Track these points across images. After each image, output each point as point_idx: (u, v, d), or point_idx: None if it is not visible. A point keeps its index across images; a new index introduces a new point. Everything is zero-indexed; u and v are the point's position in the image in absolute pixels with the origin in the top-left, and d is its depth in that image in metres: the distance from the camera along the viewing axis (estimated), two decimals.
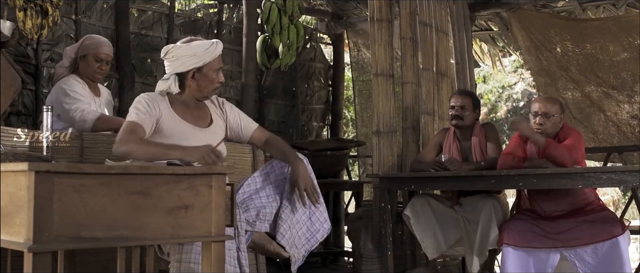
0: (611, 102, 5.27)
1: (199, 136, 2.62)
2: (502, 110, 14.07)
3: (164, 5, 5.52)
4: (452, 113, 3.95)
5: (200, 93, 2.68)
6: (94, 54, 3.55)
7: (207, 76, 2.64)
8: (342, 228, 6.27)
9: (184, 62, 2.62)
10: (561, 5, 5.56)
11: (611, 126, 5.33)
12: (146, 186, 1.87)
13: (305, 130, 6.53)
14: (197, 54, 2.61)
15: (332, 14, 6.63)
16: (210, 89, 2.68)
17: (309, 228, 2.74)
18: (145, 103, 2.57)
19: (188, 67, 2.62)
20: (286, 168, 2.74)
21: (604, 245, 3.25)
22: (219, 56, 2.68)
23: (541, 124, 3.53)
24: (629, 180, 3.11)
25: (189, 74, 2.64)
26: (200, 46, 2.63)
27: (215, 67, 2.66)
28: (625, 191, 9.70)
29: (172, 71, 2.64)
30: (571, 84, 5.45)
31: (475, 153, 3.93)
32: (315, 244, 2.79)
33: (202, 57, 2.62)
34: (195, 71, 2.63)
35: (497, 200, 3.74)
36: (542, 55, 5.51)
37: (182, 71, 2.63)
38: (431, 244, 3.79)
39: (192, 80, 2.65)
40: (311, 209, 2.73)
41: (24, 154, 2.27)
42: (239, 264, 2.44)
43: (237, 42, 5.86)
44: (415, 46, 4.70)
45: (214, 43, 2.67)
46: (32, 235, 1.66)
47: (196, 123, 2.68)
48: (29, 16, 3.56)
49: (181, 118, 2.64)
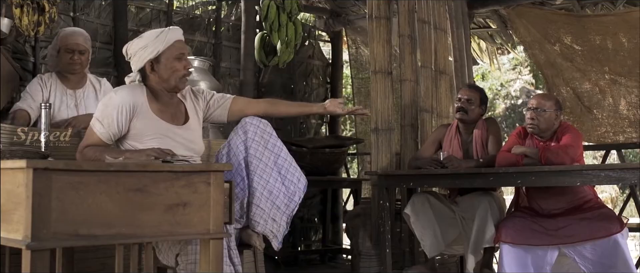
0: (620, 88, 5.28)
1: (176, 133, 2.60)
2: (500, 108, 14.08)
3: (162, 2, 5.51)
4: (457, 105, 3.95)
5: (166, 84, 2.59)
6: (64, 45, 3.47)
7: (166, 65, 2.56)
8: (340, 225, 6.27)
9: (139, 57, 2.56)
10: (560, 3, 5.56)
11: (622, 111, 5.34)
12: (144, 184, 1.87)
13: (304, 127, 6.52)
14: (147, 44, 2.54)
15: (330, 11, 6.63)
16: (176, 79, 2.58)
17: (285, 194, 2.63)
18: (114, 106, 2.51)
19: (144, 60, 2.55)
20: (241, 148, 2.60)
21: (602, 242, 3.25)
22: (177, 43, 2.58)
23: (533, 118, 3.53)
24: (628, 178, 3.11)
25: (147, 68, 2.57)
26: (150, 36, 2.57)
27: (174, 55, 2.57)
28: (624, 189, 9.71)
29: (135, 68, 2.60)
30: (577, 74, 5.47)
31: (477, 148, 3.93)
32: (295, 207, 2.67)
33: (154, 46, 2.54)
34: (152, 62, 2.56)
35: (493, 197, 3.74)
36: (545, 48, 5.52)
37: (140, 66, 2.57)
38: (430, 242, 3.79)
39: (152, 73, 2.57)
40: (281, 172, 2.62)
41: (22, 151, 2.27)
42: (232, 262, 2.41)
43: (235, 39, 5.85)
44: (414, 43, 4.70)
45: (166, 30, 2.59)
46: (30, 232, 1.66)
47: (173, 121, 2.62)
48: (26, 13, 3.54)
49: (158, 115, 2.58)
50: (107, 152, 2.44)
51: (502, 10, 5.70)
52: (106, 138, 2.53)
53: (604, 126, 5.41)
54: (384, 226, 3.91)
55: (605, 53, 5.28)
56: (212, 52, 5.76)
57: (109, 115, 2.52)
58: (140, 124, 2.54)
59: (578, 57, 5.42)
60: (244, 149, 2.57)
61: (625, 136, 5.30)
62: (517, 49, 7.03)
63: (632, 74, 5.16)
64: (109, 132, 2.52)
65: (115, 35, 4.91)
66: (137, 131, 2.54)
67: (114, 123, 2.51)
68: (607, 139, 5.36)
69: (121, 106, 2.51)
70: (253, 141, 2.59)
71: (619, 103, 5.32)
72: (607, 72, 5.31)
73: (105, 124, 2.52)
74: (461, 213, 3.80)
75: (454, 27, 5.18)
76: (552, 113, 3.53)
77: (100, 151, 2.47)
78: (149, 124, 2.55)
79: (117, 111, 2.51)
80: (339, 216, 6.30)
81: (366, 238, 4.32)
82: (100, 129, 2.52)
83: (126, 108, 2.52)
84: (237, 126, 2.65)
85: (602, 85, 5.36)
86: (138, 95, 2.57)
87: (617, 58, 5.25)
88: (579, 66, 5.43)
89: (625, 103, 5.27)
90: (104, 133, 2.52)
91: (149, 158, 2.31)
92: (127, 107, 2.52)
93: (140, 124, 2.54)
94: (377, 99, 4.45)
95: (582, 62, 5.41)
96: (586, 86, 5.45)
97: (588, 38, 5.31)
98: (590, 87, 5.44)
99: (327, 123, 6.73)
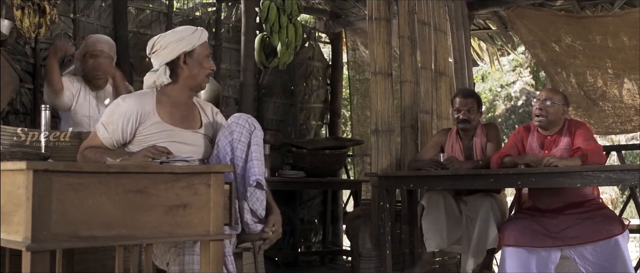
0: (624, 80, 5.31)
1: (185, 138, 2.58)
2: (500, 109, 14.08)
3: (163, 3, 5.52)
4: (458, 116, 3.93)
5: (193, 80, 2.61)
6: (90, 51, 3.69)
7: (198, 60, 2.59)
8: (340, 227, 6.27)
9: (173, 49, 2.57)
10: (559, 4, 5.57)
11: (627, 100, 5.36)
12: (144, 185, 1.87)
13: (304, 129, 6.53)
14: (185, 37, 2.57)
15: (330, 12, 6.63)
16: (203, 76, 2.62)
17: None
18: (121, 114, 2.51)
19: (178, 52, 2.56)
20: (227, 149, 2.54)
21: (604, 244, 3.25)
22: (206, 43, 2.64)
23: (541, 109, 3.53)
24: (628, 179, 3.11)
25: (180, 60, 2.58)
26: (187, 30, 2.61)
27: (204, 53, 2.62)
28: (624, 190, 9.71)
29: (162, 61, 2.58)
30: (581, 70, 5.50)
31: (477, 152, 3.94)
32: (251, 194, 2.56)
33: (190, 40, 2.57)
34: (185, 55, 2.57)
35: (495, 199, 3.74)
36: (547, 47, 5.54)
37: (172, 58, 2.57)
38: (434, 238, 3.79)
39: (185, 65, 2.58)
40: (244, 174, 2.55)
41: (22, 152, 2.27)
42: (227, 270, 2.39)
43: (235, 41, 5.85)
44: (414, 44, 4.70)
45: (199, 29, 2.64)
46: (30, 233, 1.66)
47: (182, 125, 2.61)
48: (26, 15, 3.55)
49: (166, 121, 2.57)
50: (107, 154, 2.45)
51: (502, 11, 5.70)
52: (109, 143, 2.54)
53: (611, 117, 5.45)
54: (384, 227, 3.91)
55: (607, 51, 5.31)
56: (212, 53, 5.77)
57: (114, 122, 2.52)
58: (147, 131, 2.54)
59: (580, 55, 5.45)
60: (230, 151, 2.56)
61: (633, 124, 5.35)
62: (517, 50, 7.03)
63: (634, 69, 5.19)
64: (113, 138, 2.53)
65: (116, 36, 4.91)
66: (143, 137, 2.54)
67: (118, 130, 2.52)
68: (615, 130, 5.44)
69: (128, 114, 2.52)
70: (239, 142, 2.56)
71: (622, 94, 5.35)
72: (610, 67, 5.34)
73: (110, 130, 2.53)
74: (467, 213, 3.81)
75: (454, 29, 5.19)
76: (560, 106, 3.53)
77: (100, 153, 2.48)
78: (155, 129, 2.55)
79: (123, 120, 2.51)
80: (339, 217, 6.30)
81: (366, 240, 4.32)
82: (104, 134, 2.53)
83: (133, 117, 2.52)
84: (225, 126, 2.62)
85: (606, 79, 5.39)
86: (146, 102, 2.57)
87: (619, 56, 5.27)
88: (582, 62, 5.46)
89: (629, 92, 5.29)
90: (107, 138, 2.53)
91: (146, 159, 2.30)
92: (135, 115, 2.52)
93: (147, 131, 2.54)
94: (377, 101, 4.45)
95: (585, 59, 5.44)
96: (590, 80, 5.48)
97: (589, 37, 5.33)
98: (594, 81, 5.47)
99: (327, 125, 6.73)
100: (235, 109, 5.58)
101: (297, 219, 6.09)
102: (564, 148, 3.50)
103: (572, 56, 5.46)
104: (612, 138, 10.78)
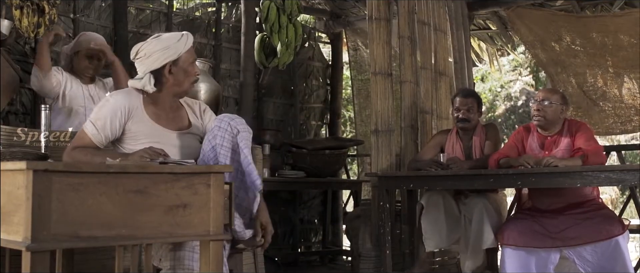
0: (623, 79, 5.31)
1: (172, 139, 2.57)
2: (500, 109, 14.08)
3: (162, 4, 5.52)
4: (458, 116, 3.94)
5: (179, 87, 2.60)
6: (82, 49, 3.72)
7: (183, 68, 2.57)
8: (340, 227, 6.27)
9: (157, 58, 2.54)
10: (559, 4, 5.57)
11: (627, 100, 5.36)
12: (144, 185, 1.87)
13: (304, 129, 6.53)
14: (170, 46, 2.54)
15: (330, 12, 6.63)
16: (188, 83, 2.61)
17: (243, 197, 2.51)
18: (109, 109, 2.50)
19: (163, 61, 2.54)
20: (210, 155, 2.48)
21: (604, 245, 3.25)
22: (191, 49, 2.62)
23: (539, 109, 3.53)
24: (628, 179, 3.11)
25: (165, 70, 2.55)
26: (172, 38, 2.57)
27: (190, 60, 2.60)
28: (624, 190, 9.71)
29: (146, 69, 2.56)
30: (581, 70, 5.51)
31: (476, 152, 3.94)
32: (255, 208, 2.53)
33: (176, 49, 2.55)
34: (171, 64, 2.55)
35: (488, 200, 3.74)
36: (548, 47, 5.54)
37: (157, 67, 2.55)
38: (433, 238, 3.79)
39: (170, 75, 2.56)
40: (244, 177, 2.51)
41: (21, 152, 2.27)
42: None
43: (235, 41, 5.85)
44: (414, 44, 4.70)
45: (185, 35, 2.60)
46: (30, 234, 1.66)
47: (169, 126, 2.60)
48: (26, 15, 3.54)
49: (154, 120, 2.56)
50: (97, 154, 2.43)
51: (502, 11, 5.70)
52: (98, 140, 2.51)
53: (611, 117, 5.45)
54: (384, 227, 3.91)
55: (607, 49, 5.31)
56: (212, 53, 5.77)
57: (103, 117, 2.50)
58: (135, 128, 2.53)
59: (581, 54, 5.45)
60: (214, 156, 2.54)
61: (633, 124, 5.35)
62: (517, 51, 7.03)
63: (635, 67, 5.19)
64: (102, 135, 2.51)
65: (116, 36, 4.91)
66: (131, 134, 2.53)
67: (107, 125, 2.50)
68: (615, 130, 5.43)
69: (116, 109, 2.51)
70: (222, 147, 2.53)
71: (622, 93, 5.35)
72: (610, 66, 5.35)
73: (99, 126, 2.50)
74: (466, 214, 3.82)
75: (453, 29, 5.19)
76: (558, 106, 3.53)
77: (90, 154, 2.45)
78: (144, 127, 2.54)
79: (111, 114, 2.50)
80: (339, 217, 6.30)
81: (366, 240, 4.32)
82: (93, 131, 2.51)
83: (121, 111, 2.51)
84: (209, 130, 2.59)
85: (606, 78, 5.39)
86: (133, 99, 2.56)
87: (619, 53, 5.28)
88: (583, 61, 5.46)
89: (629, 92, 5.29)
90: (96, 135, 2.51)
91: (143, 159, 2.30)
92: (122, 109, 2.51)
93: (135, 128, 2.53)
94: (377, 101, 4.45)
95: (585, 58, 5.44)
96: (590, 81, 5.48)
97: (589, 37, 5.34)
98: (594, 81, 5.47)
99: (327, 125, 6.73)
100: (235, 109, 5.58)
101: (297, 219, 6.09)
102: (564, 148, 3.49)
103: (573, 55, 5.46)
104: (612, 138, 10.78)
